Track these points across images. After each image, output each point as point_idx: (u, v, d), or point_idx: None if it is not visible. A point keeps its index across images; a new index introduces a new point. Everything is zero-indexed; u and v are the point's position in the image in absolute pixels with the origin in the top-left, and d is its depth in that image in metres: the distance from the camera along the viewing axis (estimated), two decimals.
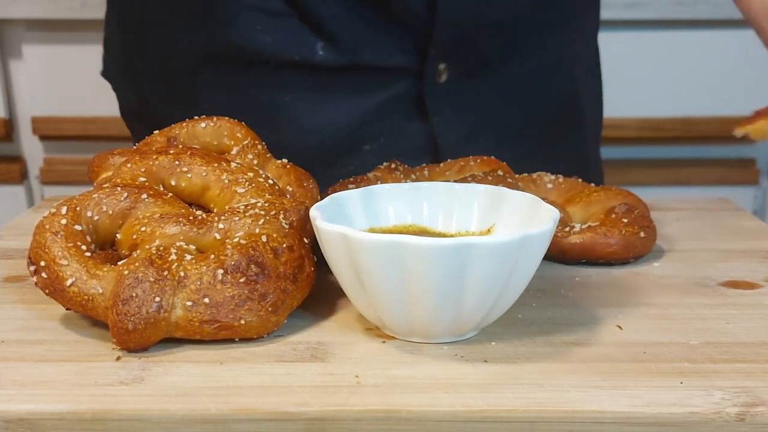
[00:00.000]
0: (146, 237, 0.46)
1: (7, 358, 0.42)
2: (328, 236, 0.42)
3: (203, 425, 0.37)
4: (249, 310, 0.43)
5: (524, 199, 0.48)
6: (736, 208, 0.72)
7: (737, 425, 0.37)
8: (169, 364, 0.42)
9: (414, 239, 0.39)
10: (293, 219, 0.48)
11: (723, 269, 0.56)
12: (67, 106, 1.46)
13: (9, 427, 0.37)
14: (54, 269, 0.44)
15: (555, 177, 0.65)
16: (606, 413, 0.37)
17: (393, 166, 0.64)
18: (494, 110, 0.77)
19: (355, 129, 0.74)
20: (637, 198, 0.63)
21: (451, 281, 0.40)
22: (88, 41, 1.43)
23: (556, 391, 0.39)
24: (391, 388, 0.39)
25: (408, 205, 0.51)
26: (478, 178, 0.60)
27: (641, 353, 0.43)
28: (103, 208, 0.47)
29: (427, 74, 0.73)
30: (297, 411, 0.37)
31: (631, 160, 1.49)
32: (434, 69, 0.73)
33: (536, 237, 0.41)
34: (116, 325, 0.42)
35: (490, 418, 0.37)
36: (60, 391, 0.39)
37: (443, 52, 0.72)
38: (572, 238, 0.57)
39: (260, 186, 0.50)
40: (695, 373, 0.41)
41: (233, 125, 0.58)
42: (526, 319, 0.47)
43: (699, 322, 0.47)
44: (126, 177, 0.49)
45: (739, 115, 1.53)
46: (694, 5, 1.38)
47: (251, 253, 0.44)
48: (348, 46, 0.71)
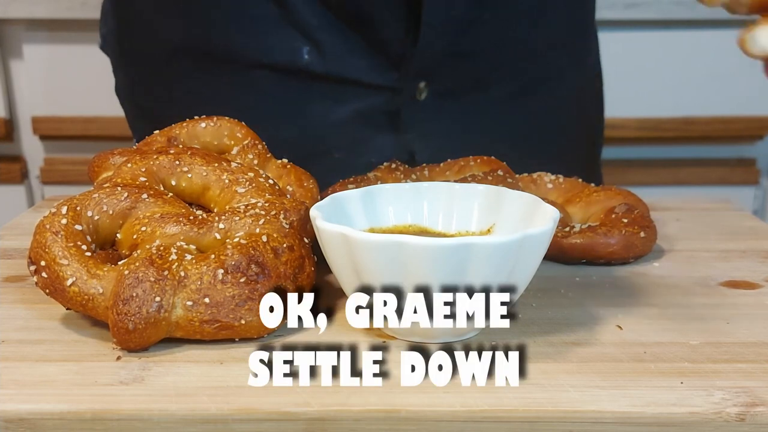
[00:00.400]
0: (146, 237, 0.46)
1: (7, 358, 0.42)
2: (328, 236, 0.42)
3: (203, 425, 0.37)
4: (249, 310, 0.43)
5: (524, 199, 0.48)
6: (736, 208, 0.72)
7: (737, 425, 0.37)
8: (169, 364, 0.42)
9: (414, 239, 0.39)
10: (293, 219, 0.49)
11: (723, 269, 0.56)
12: (67, 106, 1.46)
13: (9, 427, 0.37)
14: (54, 269, 0.44)
15: (555, 177, 0.65)
16: (606, 413, 0.37)
17: (393, 166, 0.64)
18: (473, 131, 0.76)
19: (323, 137, 0.74)
20: (637, 198, 0.63)
21: (451, 281, 0.40)
22: (88, 41, 1.42)
23: (556, 391, 0.39)
24: (391, 388, 0.39)
25: (408, 205, 0.51)
26: (478, 178, 0.60)
27: (641, 353, 0.43)
28: (104, 208, 0.47)
29: (407, 91, 0.73)
30: (297, 411, 0.37)
31: (631, 160, 1.49)
32: (414, 87, 0.73)
33: (536, 237, 0.41)
34: (116, 324, 0.42)
35: (490, 418, 0.37)
36: (60, 391, 0.39)
37: (423, 73, 0.73)
38: (572, 238, 0.57)
39: (260, 186, 0.50)
40: (695, 373, 0.41)
41: (233, 125, 0.58)
42: (526, 319, 0.47)
43: (699, 322, 0.47)
44: (126, 177, 0.49)
45: (739, 115, 1.53)
46: (694, 5, 1.37)
47: (251, 253, 0.44)
48: (332, 56, 0.71)
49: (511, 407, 0.38)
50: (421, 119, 0.75)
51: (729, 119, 1.46)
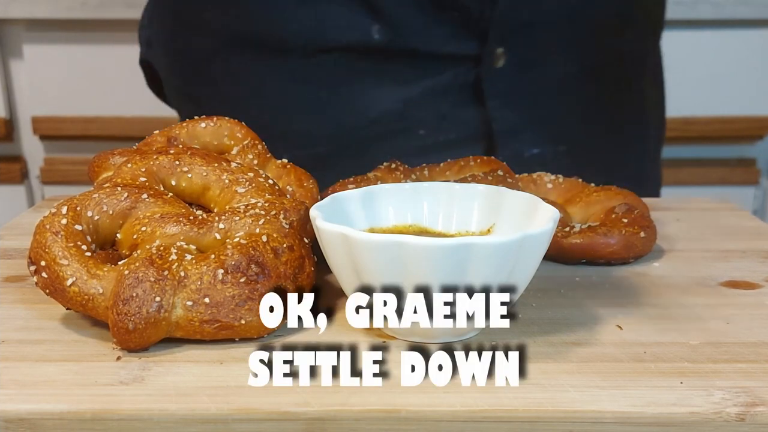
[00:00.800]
0: (147, 237, 0.46)
1: (7, 358, 0.42)
2: (328, 236, 0.42)
3: (203, 425, 0.37)
4: (249, 309, 0.43)
5: (524, 199, 0.48)
6: (736, 208, 0.72)
7: (737, 425, 0.37)
8: (169, 364, 0.42)
9: (414, 239, 0.39)
10: (293, 219, 0.49)
11: (723, 269, 0.56)
12: (67, 106, 1.47)
13: (9, 427, 0.37)
14: (54, 269, 0.44)
15: (555, 177, 0.65)
16: (606, 413, 0.37)
17: (393, 166, 0.64)
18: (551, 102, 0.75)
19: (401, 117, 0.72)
20: (637, 198, 0.63)
21: (451, 281, 0.40)
22: (88, 41, 1.43)
23: (556, 391, 0.39)
24: (391, 388, 0.39)
25: (408, 205, 0.51)
26: (478, 178, 0.60)
27: (641, 353, 0.43)
28: (104, 208, 0.47)
29: (485, 59, 0.71)
30: (297, 411, 0.37)
31: None
32: (492, 54, 0.71)
33: (536, 237, 0.41)
34: (116, 324, 0.42)
35: (490, 418, 0.37)
36: (60, 391, 0.39)
37: (502, 37, 0.71)
38: (572, 238, 0.57)
39: (260, 186, 0.50)
40: (695, 373, 0.41)
41: (233, 125, 0.58)
42: (526, 319, 0.47)
43: (699, 322, 0.47)
44: (126, 177, 0.49)
45: (739, 115, 1.53)
46: (694, 5, 1.38)
47: (251, 253, 0.44)
48: (406, 30, 0.69)
49: (511, 407, 0.38)
50: (501, 88, 0.73)
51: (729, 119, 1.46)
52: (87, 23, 1.41)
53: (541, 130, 0.75)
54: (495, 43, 0.71)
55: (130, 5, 1.37)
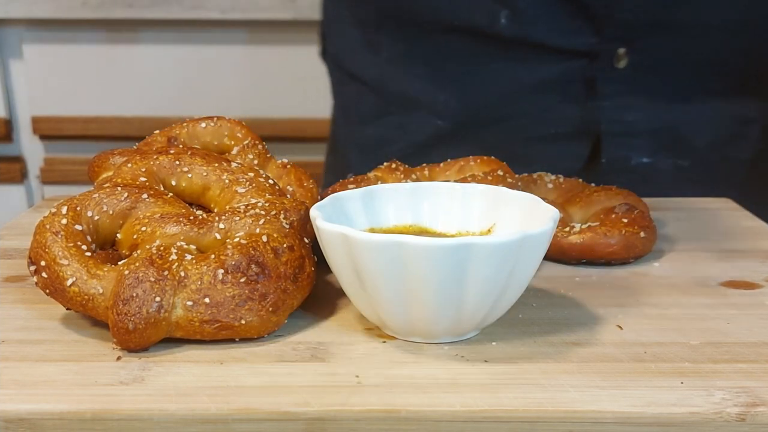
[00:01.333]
0: (147, 237, 0.46)
1: (7, 358, 0.42)
2: (329, 236, 0.42)
3: (203, 425, 0.37)
4: (249, 310, 0.43)
5: (524, 199, 0.48)
6: (736, 208, 0.72)
7: (738, 425, 0.37)
8: (169, 364, 0.42)
9: (414, 239, 0.39)
10: (293, 219, 0.49)
11: (723, 269, 0.56)
12: (67, 106, 1.47)
13: (9, 427, 0.37)
14: (54, 269, 0.44)
15: (555, 177, 0.65)
16: (606, 413, 0.37)
17: (393, 166, 0.64)
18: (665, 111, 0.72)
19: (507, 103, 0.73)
20: (637, 198, 0.63)
21: (451, 281, 0.40)
22: (88, 41, 1.43)
23: (556, 391, 0.39)
24: (391, 388, 0.39)
25: (408, 205, 0.51)
26: (478, 178, 0.60)
27: (641, 353, 0.43)
28: (104, 208, 0.47)
29: (604, 56, 0.71)
30: (297, 411, 0.37)
31: None
32: (613, 52, 0.70)
33: (536, 237, 0.41)
34: (116, 324, 0.42)
35: (490, 418, 0.37)
36: (60, 391, 0.39)
37: (625, 38, 0.70)
38: (572, 238, 0.57)
39: (261, 186, 0.50)
40: (695, 373, 0.41)
41: (233, 125, 0.58)
42: (526, 319, 0.47)
43: (699, 322, 0.47)
44: (126, 177, 0.49)
45: None
46: None
47: (252, 253, 0.44)
48: (531, 19, 0.70)
49: (511, 407, 0.38)
50: (618, 89, 0.72)
51: None
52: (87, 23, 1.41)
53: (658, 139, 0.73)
54: (617, 42, 0.70)
55: (130, 5, 1.37)
